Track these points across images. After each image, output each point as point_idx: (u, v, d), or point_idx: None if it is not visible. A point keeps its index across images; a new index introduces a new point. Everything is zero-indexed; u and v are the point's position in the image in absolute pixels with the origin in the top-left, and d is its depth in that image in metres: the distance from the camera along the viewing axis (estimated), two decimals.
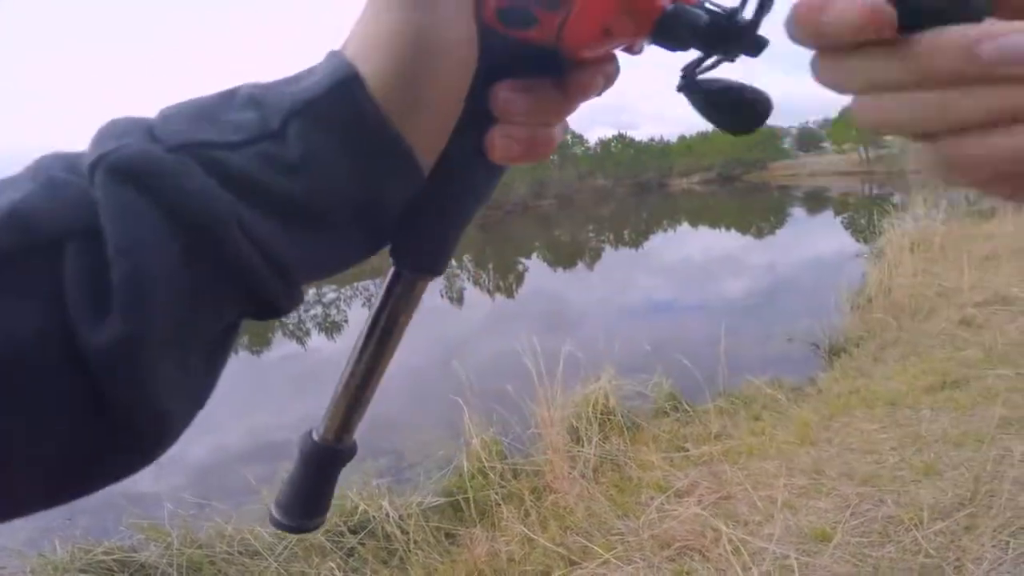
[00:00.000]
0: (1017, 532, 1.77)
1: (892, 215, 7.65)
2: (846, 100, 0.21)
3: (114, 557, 2.36)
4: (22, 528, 3.12)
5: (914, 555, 1.77)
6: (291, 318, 12.45)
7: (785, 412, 3.29)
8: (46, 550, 2.53)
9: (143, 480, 4.59)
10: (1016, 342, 3.42)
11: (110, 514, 2.93)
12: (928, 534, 1.84)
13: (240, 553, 2.32)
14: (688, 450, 3.00)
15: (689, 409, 3.56)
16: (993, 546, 1.73)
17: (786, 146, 53.44)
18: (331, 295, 14.93)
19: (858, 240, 10.94)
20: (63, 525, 3.11)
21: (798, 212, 21.99)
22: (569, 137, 36.95)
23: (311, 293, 16.15)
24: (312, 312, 12.97)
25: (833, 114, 40.30)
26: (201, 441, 5.35)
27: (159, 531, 2.56)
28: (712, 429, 3.26)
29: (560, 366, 3.33)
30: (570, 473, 2.78)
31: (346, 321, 11.46)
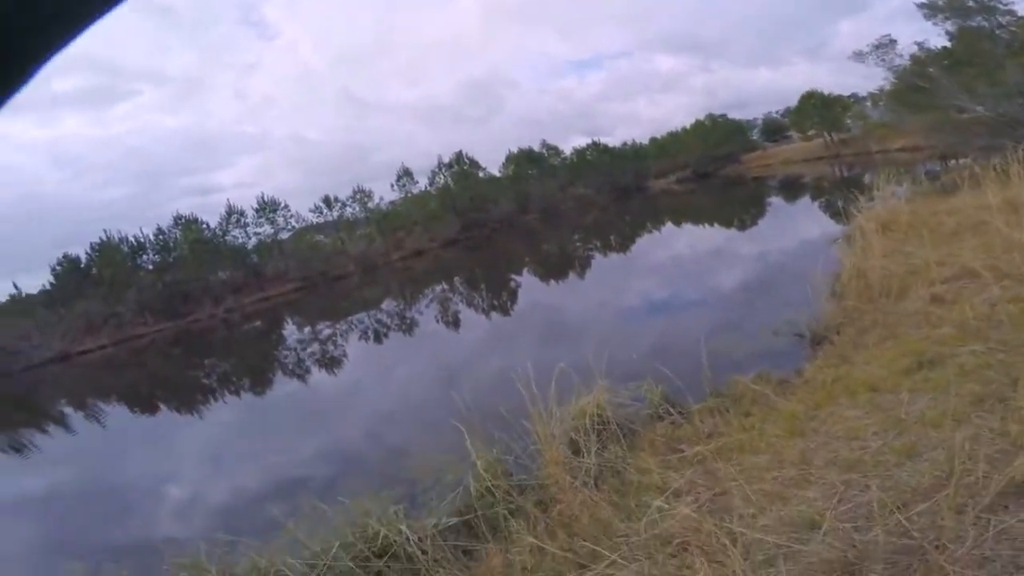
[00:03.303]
0: (996, 509, 1.80)
1: (861, 198, 7.75)
2: (803, 88, 0.22)
3: None
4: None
5: (899, 537, 1.83)
6: (289, 357, 12.68)
7: (773, 406, 3.42)
8: None
9: (176, 526, 4.72)
10: (985, 315, 3.56)
11: (152, 557, 3.12)
12: (911, 516, 1.91)
13: None
14: (683, 451, 3.12)
15: (682, 411, 3.68)
16: (973, 525, 1.77)
17: (755, 138, 53.77)
18: (326, 331, 14.95)
19: (838, 223, 11.18)
20: (112, 569, 3.40)
21: (776, 201, 22.30)
22: (545, 150, 37.19)
23: (306, 331, 16.13)
24: (310, 349, 13.00)
25: (792, 102, 40.32)
26: (221, 486, 5.49)
27: (200, 568, 2.74)
28: (704, 429, 3.38)
29: (553, 385, 3.45)
30: (572, 483, 2.90)
31: (345, 355, 11.57)
